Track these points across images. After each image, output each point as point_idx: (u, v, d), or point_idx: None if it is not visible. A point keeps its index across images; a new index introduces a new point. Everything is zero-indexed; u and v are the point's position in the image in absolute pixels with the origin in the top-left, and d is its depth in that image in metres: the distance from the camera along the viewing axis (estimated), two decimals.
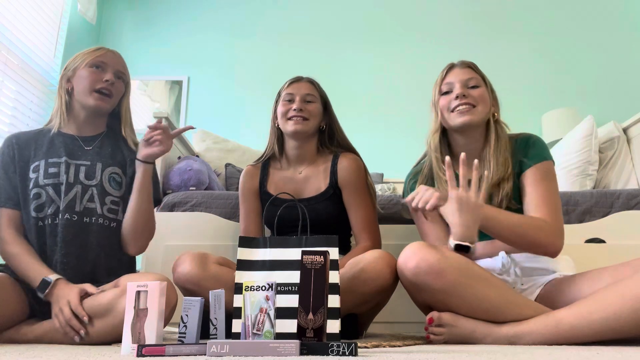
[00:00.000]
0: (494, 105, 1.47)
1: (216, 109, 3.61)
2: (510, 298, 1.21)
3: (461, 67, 1.47)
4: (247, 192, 1.67)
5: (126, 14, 3.80)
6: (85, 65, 1.46)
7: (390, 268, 1.28)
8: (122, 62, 1.54)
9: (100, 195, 1.43)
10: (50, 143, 1.46)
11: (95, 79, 1.45)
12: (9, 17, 2.78)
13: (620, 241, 1.76)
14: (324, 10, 3.76)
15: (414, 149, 1.69)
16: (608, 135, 2.52)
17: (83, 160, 1.45)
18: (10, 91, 2.79)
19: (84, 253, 1.37)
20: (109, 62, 1.49)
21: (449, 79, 1.47)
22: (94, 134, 1.53)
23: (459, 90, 1.42)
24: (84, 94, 1.46)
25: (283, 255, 1.14)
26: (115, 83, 1.49)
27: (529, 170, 1.39)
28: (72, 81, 1.48)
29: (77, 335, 1.20)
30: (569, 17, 3.56)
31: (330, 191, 1.59)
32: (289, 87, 1.64)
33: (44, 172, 1.40)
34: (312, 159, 1.66)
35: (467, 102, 1.41)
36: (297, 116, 1.58)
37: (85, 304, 1.22)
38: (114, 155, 1.51)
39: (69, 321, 1.20)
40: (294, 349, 0.84)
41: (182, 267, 1.35)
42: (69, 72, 1.49)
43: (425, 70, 3.56)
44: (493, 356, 0.86)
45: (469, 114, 1.40)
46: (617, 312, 1.07)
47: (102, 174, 1.46)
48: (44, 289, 1.26)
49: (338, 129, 1.71)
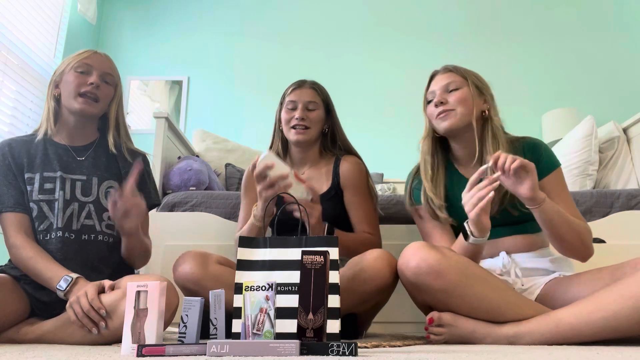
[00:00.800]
0: (486, 102, 1.46)
1: (216, 109, 3.61)
2: (510, 298, 1.21)
3: (442, 73, 1.49)
4: (248, 191, 1.67)
5: (126, 13, 3.80)
6: (70, 69, 1.43)
7: (390, 267, 1.29)
8: (109, 65, 1.48)
9: (98, 211, 1.41)
10: (44, 154, 1.43)
11: (80, 82, 1.42)
12: (9, 17, 2.78)
13: (620, 241, 1.76)
14: (324, 10, 3.76)
15: (413, 149, 1.69)
16: (608, 135, 2.52)
17: (78, 175, 1.43)
18: (10, 91, 2.79)
19: (86, 270, 1.34)
20: (95, 65, 1.44)
21: (432, 87, 1.49)
22: (86, 142, 1.49)
23: (437, 98, 1.44)
24: (69, 99, 1.42)
25: (283, 255, 1.14)
26: (102, 86, 1.44)
27: (547, 179, 1.38)
28: (60, 86, 1.45)
29: (95, 328, 1.17)
30: (569, 17, 3.57)
31: (332, 192, 1.60)
32: (292, 94, 1.65)
33: (39, 187, 1.38)
34: (314, 161, 1.68)
35: (444, 108, 1.42)
36: (299, 125, 1.60)
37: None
38: (109, 166, 1.48)
39: (88, 312, 1.17)
40: (294, 349, 0.84)
41: (182, 267, 1.35)
42: (57, 77, 1.46)
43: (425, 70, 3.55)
44: (493, 356, 0.86)
45: (448, 118, 1.41)
46: (617, 312, 1.07)
47: (99, 189, 1.43)
48: (64, 287, 1.23)
49: (340, 132, 1.72)
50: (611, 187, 2.42)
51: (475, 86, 1.45)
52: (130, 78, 3.61)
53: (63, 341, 1.23)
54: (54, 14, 3.24)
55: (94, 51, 1.48)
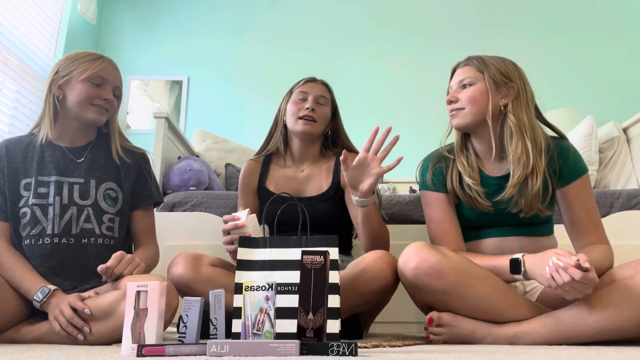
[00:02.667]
0: (506, 95, 1.37)
1: (216, 109, 3.60)
2: (510, 298, 1.21)
3: (461, 67, 1.44)
4: (246, 187, 1.67)
5: (126, 14, 3.80)
6: (83, 78, 1.39)
7: (391, 268, 1.28)
8: (119, 76, 1.48)
9: (97, 214, 1.40)
10: (40, 158, 1.41)
11: (93, 95, 1.40)
12: (9, 17, 2.78)
13: (620, 241, 1.75)
14: (325, 11, 3.75)
15: (414, 149, 1.69)
16: (608, 135, 2.52)
17: (76, 177, 1.41)
18: (10, 91, 2.79)
19: (85, 275, 1.34)
20: (109, 79, 1.43)
21: (451, 82, 1.47)
22: (84, 143, 1.48)
23: (448, 95, 1.43)
24: (79, 107, 1.40)
25: (283, 255, 1.14)
26: (112, 100, 1.45)
27: (572, 185, 1.35)
28: (64, 89, 1.42)
29: (80, 334, 1.18)
30: (569, 17, 3.56)
31: (332, 191, 1.58)
32: (304, 86, 1.63)
33: (34, 191, 1.37)
34: (315, 158, 1.66)
35: (454, 106, 1.40)
36: (308, 116, 1.58)
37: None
38: (107, 167, 1.47)
39: (71, 319, 1.17)
40: (294, 349, 0.84)
41: (174, 269, 1.36)
42: (60, 78, 1.42)
43: (425, 70, 3.59)
44: (493, 356, 0.86)
45: (455, 118, 1.40)
46: (617, 312, 1.07)
47: (97, 191, 1.42)
48: (41, 298, 1.23)
49: (342, 136, 1.70)
50: (611, 187, 2.42)
51: (493, 81, 1.37)
52: (131, 78, 3.61)
53: (63, 341, 1.22)
54: (54, 14, 3.24)
55: (106, 60, 1.45)
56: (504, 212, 1.36)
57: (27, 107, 2.89)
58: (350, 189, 1.36)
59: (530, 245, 1.34)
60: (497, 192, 1.35)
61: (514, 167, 1.32)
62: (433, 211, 1.43)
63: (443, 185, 1.43)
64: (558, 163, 1.35)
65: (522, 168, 1.30)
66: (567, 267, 1.05)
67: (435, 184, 1.44)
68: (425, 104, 3.37)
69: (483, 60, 1.42)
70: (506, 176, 1.36)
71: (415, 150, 1.69)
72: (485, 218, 1.39)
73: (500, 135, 1.38)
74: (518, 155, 1.31)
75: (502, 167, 1.40)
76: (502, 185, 1.35)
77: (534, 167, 1.30)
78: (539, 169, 1.31)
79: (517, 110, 1.36)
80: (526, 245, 1.35)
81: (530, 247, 1.32)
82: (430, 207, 1.44)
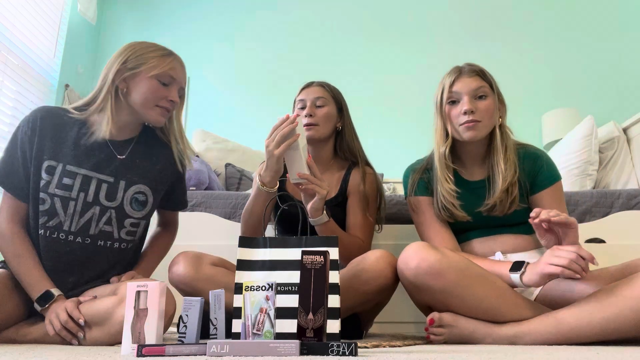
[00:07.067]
0: (501, 109, 1.44)
1: (216, 109, 3.61)
2: (510, 298, 1.21)
3: (469, 75, 1.41)
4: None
5: (126, 14, 3.80)
6: (152, 75, 1.31)
7: (391, 267, 1.29)
8: (186, 76, 1.41)
9: (119, 218, 1.33)
10: (74, 144, 1.30)
11: (160, 95, 1.32)
12: (9, 17, 2.78)
13: (620, 241, 1.76)
14: (325, 11, 3.76)
15: (414, 149, 1.69)
16: (608, 135, 2.52)
17: (107, 175, 1.32)
18: (10, 91, 2.79)
19: (91, 275, 1.32)
20: (177, 79, 1.35)
21: (456, 87, 1.41)
22: (127, 137, 1.38)
23: (467, 106, 1.37)
24: (143, 105, 1.32)
25: (283, 255, 1.14)
26: (177, 102, 1.37)
27: (545, 191, 1.39)
28: (129, 82, 1.32)
29: (74, 339, 1.18)
30: (569, 17, 3.56)
31: (339, 199, 1.58)
32: (301, 94, 1.64)
33: (58, 180, 1.27)
34: (327, 163, 1.64)
35: (473, 118, 1.37)
36: (308, 124, 1.57)
37: (81, 310, 1.19)
38: (144, 168, 1.37)
39: (66, 324, 1.16)
40: (294, 349, 0.84)
41: (175, 268, 1.35)
42: (127, 70, 1.31)
43: (425, 70, 3.58)
44: (493, 356, 0.86)
45: (473, 130, 1.38)
46: (617, 312, 1.07)
47: (125, 194, 1.33)
48: (44, 302, 1.21)
49: (348, 133, 1.66)
50: (611, 187, 2.42)
51: (497, 95, 1.43)
52: None
53: (63, 342, 1.22)
54: (54, 14, 3.24)
55: (177, 60, 1.39)
56: (482, 216, 1.40)
57: (27, 107, 2.89)
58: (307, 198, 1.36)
59: (517, 241, 1.40)
60: (476, 195, 1.41)
61: (500, 178, 1.37)
62: (422, 215, 1.48)
63: (426, 189, 1.48)
64: (533, 170, 1.41)
65: (503, 181, 1.37)
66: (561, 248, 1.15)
67: (420, 188, 1.49)
68: (425, 103, 3.37)
69: (487, 72, 1.46)
70: (483, 180, 1.43)
71: (416, 149, 1.70)
72: (467, 223, 1.43)
73: (490, 147, 1.43)
74: (503, 169, 1.37)
75: (482, 172, 1.46)
76: (479, 188, 1.43)
77: (513, 177, 1.37)
78: (517, 179, 1.38)
79: (506, 128, 1.45)
80: (514, 242, 1.40)
81: (518, 244, 1.39)
82: (419, 211, 1.49)
